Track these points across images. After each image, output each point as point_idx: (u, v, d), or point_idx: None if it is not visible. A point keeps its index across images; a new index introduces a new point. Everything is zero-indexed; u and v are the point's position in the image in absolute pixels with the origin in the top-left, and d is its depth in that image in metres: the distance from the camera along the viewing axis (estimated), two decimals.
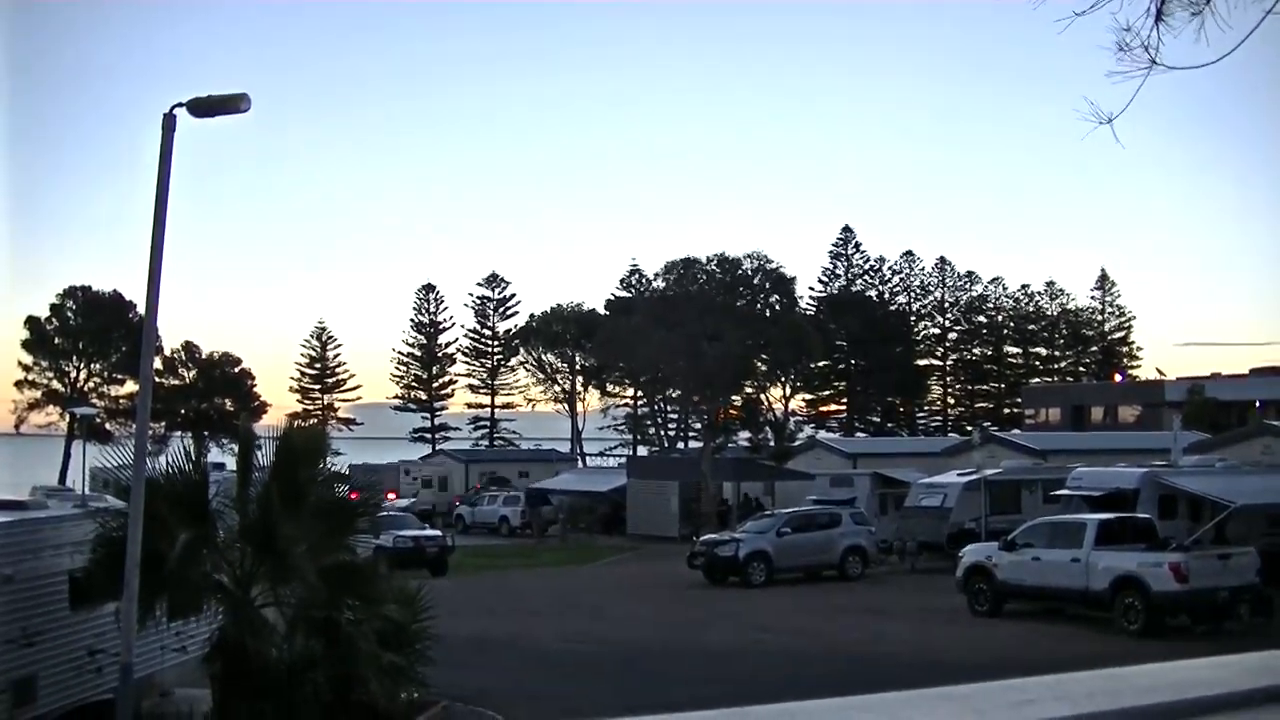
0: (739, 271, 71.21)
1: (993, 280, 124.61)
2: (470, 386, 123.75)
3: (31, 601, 15.99)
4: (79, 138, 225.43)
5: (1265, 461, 45.09)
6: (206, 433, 67.31)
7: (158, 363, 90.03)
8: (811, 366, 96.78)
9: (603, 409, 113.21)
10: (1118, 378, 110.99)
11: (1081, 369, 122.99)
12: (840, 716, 5.35)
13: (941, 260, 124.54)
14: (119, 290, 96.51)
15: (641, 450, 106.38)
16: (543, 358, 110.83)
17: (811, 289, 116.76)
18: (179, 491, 16.17)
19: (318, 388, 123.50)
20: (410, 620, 17.01)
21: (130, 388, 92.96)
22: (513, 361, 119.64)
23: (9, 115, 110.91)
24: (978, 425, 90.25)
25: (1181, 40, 6.63)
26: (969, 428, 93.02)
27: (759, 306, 72.67)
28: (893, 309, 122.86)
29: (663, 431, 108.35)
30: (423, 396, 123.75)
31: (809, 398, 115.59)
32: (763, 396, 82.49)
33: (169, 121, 15.36)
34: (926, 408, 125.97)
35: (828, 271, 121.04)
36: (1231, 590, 28.59)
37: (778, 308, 73.62)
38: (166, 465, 16.70)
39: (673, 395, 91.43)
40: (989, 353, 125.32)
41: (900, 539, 46.64)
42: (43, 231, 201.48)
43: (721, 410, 75.78)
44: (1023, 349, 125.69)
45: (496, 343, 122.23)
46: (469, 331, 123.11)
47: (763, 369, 76.92)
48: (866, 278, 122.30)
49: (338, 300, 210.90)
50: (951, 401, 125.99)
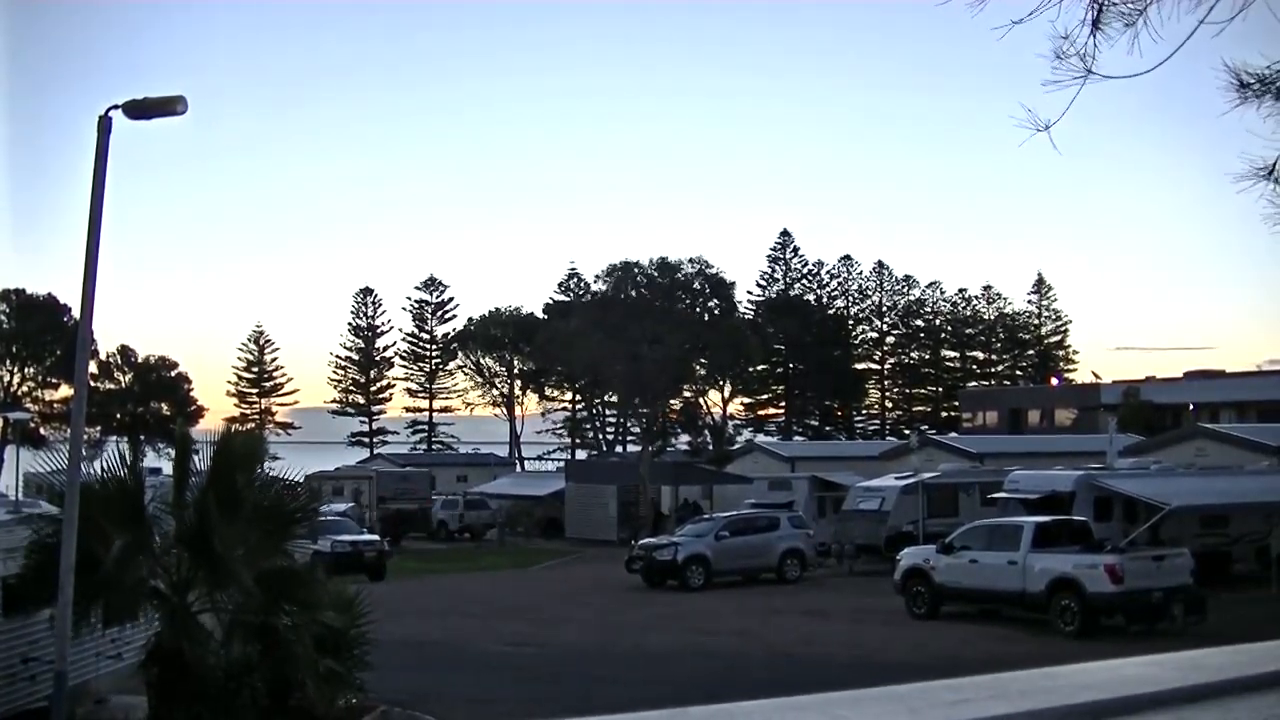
0: (678, 275, 71.38)
1: (930, 284, 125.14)
2: (408, 390, 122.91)
3: None
4: (10, 138, 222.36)
5: (1199, 463, 45.82)
6: (142, 437, 66.95)
7: (93, 366, 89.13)
8: (750, 370, 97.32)
9: (541, 413, 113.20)
10: (1054, 381, 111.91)
11: (1018, 372, 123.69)
12: (778, 716, 5.38)
13: (879, 264, 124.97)
14: (53, 293, 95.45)
15: (580, 454, 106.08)
16: (481, 362, 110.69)
17: (750, 293, 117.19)
18: (114, 496, 15.92)
19: (255, 391, 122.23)
20: (348, 625, 16.87)
21: (65, 392, 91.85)
22: (451, 365, 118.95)
23: None
24: (915, 429, 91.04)
25: (1117, 49, 6.73)
26: (907, 431, 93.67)
27: (698, 310, 72.97)
28: (831, 313, 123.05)
29: (601, 435, 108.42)
30: (361, 401, 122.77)
31: (747, 401, 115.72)
32: (701, 400, 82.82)
33: (105, 123, 15.21)
34: (864, 411, 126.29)
35: (766, 275, 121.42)
36: (1166, 591, 28.92)
37: (716, 312, 74.01)
38: (102, 470, 16.46)
39: (611, 399, 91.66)
40: (926, 356, 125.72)
41: (838, 542, 46.91)
42: None
43: (660, 414, 75.88)
44: (960, 352, 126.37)
45: (435, 346, 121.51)
46: (407, 335, 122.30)
47: (701, 373, 77.25)
48: (805, 282, 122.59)
49: (275, 304, 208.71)
50: (889, 405, 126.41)
